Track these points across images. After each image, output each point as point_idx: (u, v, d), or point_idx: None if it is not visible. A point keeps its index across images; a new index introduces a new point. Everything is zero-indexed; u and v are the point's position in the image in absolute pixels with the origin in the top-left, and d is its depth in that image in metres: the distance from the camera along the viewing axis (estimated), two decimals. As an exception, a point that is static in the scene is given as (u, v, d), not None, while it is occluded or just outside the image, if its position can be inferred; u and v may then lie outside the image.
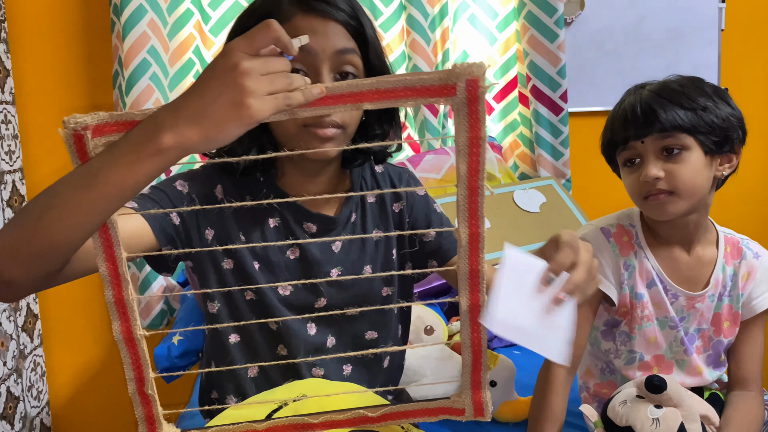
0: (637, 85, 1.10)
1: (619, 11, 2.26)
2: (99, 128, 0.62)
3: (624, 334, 1.14)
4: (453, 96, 0.61)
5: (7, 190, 1.89)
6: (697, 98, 1.03)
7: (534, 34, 2.14)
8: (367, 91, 0.62)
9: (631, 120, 1.05)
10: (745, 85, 2.33)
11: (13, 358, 1.87)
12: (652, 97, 1.04)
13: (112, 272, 0.67)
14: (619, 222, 1.14)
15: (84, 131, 0.61)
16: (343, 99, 0.64)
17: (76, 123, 0.61)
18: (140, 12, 1.86)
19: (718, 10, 2.29)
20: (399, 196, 1.09)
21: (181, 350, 1.56)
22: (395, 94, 0.62)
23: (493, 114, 2.29)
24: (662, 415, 0.97)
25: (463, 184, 0.66)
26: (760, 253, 1.15)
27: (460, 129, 0.64)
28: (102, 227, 0.65)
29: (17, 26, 1.98)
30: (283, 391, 0.89)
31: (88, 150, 0.62)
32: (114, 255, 0.67)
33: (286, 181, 1.03)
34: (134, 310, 0.68)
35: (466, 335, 0.73)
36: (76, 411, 2.14)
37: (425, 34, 2.11)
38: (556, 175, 2.20)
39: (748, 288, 1.13)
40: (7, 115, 1.93)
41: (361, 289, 1.04)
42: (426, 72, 0.62)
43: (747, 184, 2.30)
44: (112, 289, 0.68)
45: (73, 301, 2.09)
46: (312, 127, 0.91)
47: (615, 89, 1.11)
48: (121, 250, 0.67)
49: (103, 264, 0.67)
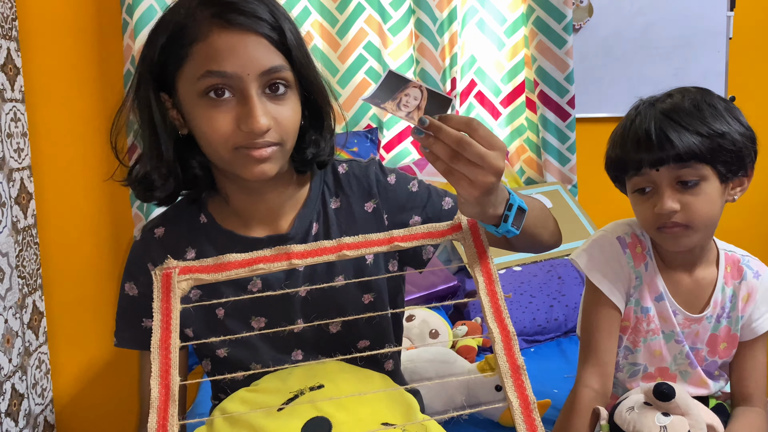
0: (646, 101, 1.05)
1: (627, 18, 2.26)
2: (186, 269, 0.79)
3: (626, 348, 1.12)
4: (459, 230, 0.82)
5: (16, 187, 1.90)
6: (714, 123, 0.98)
7: (542, 40, 2.14)
8: (399, 237, 0.82)
9: (645, 145, 0.99)
10: (752, 93, 2.33)
11: (19, 355, 1.88)
12: (667, 122, 0.99)
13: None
14: (633, 231, 1.12)
15: (173, 270, 0.79)
16: (380, 243, 0.81)
17: (168, 263, 0.80)
18: (151, 12, 1.88)
19: (726, 18, 2.29)
20: (371, 193, 1.01)
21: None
22: (418, 237, 0.82)
23: (500, 119, 2.29)
24: (670, 423, 0.97)
25: (483, 291, 0.78)
26: (761, 272, 1.11)
27: (470, 253, 0.81)
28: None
29: (28, 25, 1.99)
30: (300, 376, 0.86)
31: (173, 285, 0.78)
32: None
33: (228, 208, 0.98)
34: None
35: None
36: (80, 409, 2.15)
37: (433, 38, 2.12)
38: (562, 181, 2.20)
39: (749, 310, 1.10)
40: (17, 113, 1.94)
41: (335, 302, 0.97)
42: (438, 224, 0.84)
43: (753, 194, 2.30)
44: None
45: (79, 300, 2.10)
46: (245, 149, 0.85)
47: (622, 95, 1.09)
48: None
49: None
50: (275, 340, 0.97)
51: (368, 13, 2.11)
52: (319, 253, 0.80)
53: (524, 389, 0.72)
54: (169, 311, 0.77)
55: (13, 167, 1.90)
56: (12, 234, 1.86)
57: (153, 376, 0.73)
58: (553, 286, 1.84)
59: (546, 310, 1.78)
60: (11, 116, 1.90)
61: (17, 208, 1.91)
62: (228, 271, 0.79)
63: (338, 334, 0.99)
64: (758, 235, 2.38)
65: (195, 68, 0.85)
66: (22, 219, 1.93)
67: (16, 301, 1.87)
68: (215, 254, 0.94)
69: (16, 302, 1.88)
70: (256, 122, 0.83)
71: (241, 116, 0.84)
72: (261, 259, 0.79)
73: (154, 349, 0.74)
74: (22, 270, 1.92)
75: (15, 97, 1.93)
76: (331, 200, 1.01)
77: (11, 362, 1.83)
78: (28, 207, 1.98)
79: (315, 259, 0.79)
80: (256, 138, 0.85)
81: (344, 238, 0.76)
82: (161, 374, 0.73)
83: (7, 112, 1.87)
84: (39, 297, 2.04)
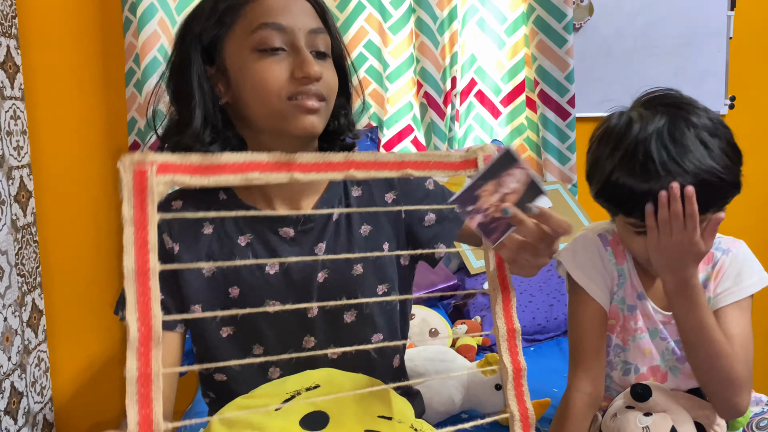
0: (642, 122, 0.97)
1: (627, 17, 2.26)
2: (165, 166, 0.58)
3: (618, 346, 1.11)
4: (474, 167, 0.73)
5: (15, 185, 1.90)
6: (736, 176, 0.95)
7: (543, 39, 2.14)
8: (411, 162, 0.72)
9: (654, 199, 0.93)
10: (752, 93, 2.32)
11: (18, 353, 1.88)
12: (693, 182, 0.91)
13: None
14: (614, 228, 1.10)
15: (149, 166, 0.58)
16: (391, 166, 0.71)
17: (140, 157, 0.57)
18: (152, 10, 1.88)
19: (727, 18, 2.29)
20: (392, 185, 1.03)
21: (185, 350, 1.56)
22: (429, 165, 0.72)
23: (500, 118, 2.29)
24: (652, 422, 0.97)
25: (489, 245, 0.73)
26: (732, 248, 1.08)
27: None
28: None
29: (28, 22, 1.99)
30: (295, 381, 0.87)
31: (150, 186, 0.58)
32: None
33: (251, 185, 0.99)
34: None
35: (515, 408, 0.70)
36: (79, 407, 2.15)
37: (434, 37, 2.12)
38: (562, 180, 2.20)
39: (716, 287, 1.06)
40: (17, 111, 1.93)
41: (353, 289, 0.97)
42: (452, 152, 0.73)
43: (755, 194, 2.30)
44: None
45: (78, 298, 2.10)
46: (298, 99, 0.89)
47: (623, 95, 1.08)
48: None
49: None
50: (287, 323, 0.96)
51: (368, 12, 2.11)
52: (325, 168, 0.67)
53: (516, 355, 0.72)
54: (145, 222, 0.57)
55: (13, 165, 1.90)
56: (11, 232, 1.86)
57: (129, 309, 0.55)
58: (553, 286, 1.84)
59: (546, 310, 1.78)
60: (11, 114, 1.90)
61: (17, 206, 1.91)
62: (216, 175, 0.61)
63: (353, 324, 0.98)
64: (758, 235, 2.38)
65: (248, 24, 0.90)
66: (21, 217, 1.93)
67: (16, 299, 1.87)
68: (235, 231, 0.96)
69: (16, 300, 1.88)
70: (311, 67, 0.88)
71: (294, 66, 0.89)
72: (258, 165, 0.64)
73: (129, 274, 0.56)
74: (21, 268, 1.91)
75: (14, 95, 1.93)
76: (353, 188, 1.02)
77: (10, 360, 1.83)
78: (28, 205, 1.98)
79: (319, 175, 0.67)
80: (310, 84, 0.89)
81: (354, 153, 0.68)
82: (139, 306, 0.55)
83: (7, 110, 1.87)
84: (38, 295, 2.04)
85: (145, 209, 0.57)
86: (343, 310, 0.95)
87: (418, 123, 2.22)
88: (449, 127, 2.17)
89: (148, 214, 0.57)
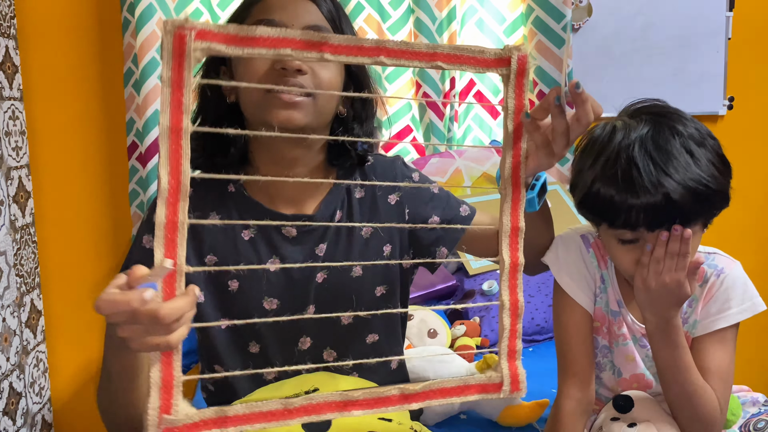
0: (625, 129, 0.95)
1: (626, 18, 2.26)
2: (203, 32, 0.62)
3: (605, 347, 1.10)
4: (507, 66, 0.71)
5: (14, 185, 1.90)
6: (724, 188, 0.92)
7: (541, 40, 2.14)
8: (443, 54, 0.70)
9: (652, 211, 0.89)
10: (751, 93, 2.33)
11: (16, 353, 1.88)
12: (679, 190, 0.87)
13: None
14: (598, 234, 1.06)
15: (189, 31, 0.61)
16: (423, 57, 0.70)
17: (181, 21, 0.61)
18: (151, 10, 1.87)
19: (726, 18, 2.29)
20: (395, 187, 1.03)
21: (185, 349, 1.56)
22: (461, 60, 0.70)
23: (499, 118, 2.29)
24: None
25: (509, 144, 0.76)
26: (726, 269, 1.02)
27: (509, 96, 0.74)
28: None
29: (26, 22, 1.99)
30: (293, 385, 0.88)
31: (188, 50, 0.61)
32: None
33: (258, 181, 0.98)
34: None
35: (506, 298, 0.72)
36: (78, 408, 2.15)
37: (433, 38, 2.12)
38: (560, 180, 2.19)
39: (703, 310, 1.03)
40: (15, 111, 1.93)
41: (350, 291, 0.98)
42: (486, 47, 0.72)
43: (754, 194, 2.30)
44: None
45: (77, 298, 2.10)
46: (275, 91, 0.88)
47: (622, 95, 1.08)
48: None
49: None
50: (284, 322, 0.95)
51: (367, 12, 2.11)
52: (355, 52, 0.67)
53: (517, 251, 0.75)
54: (181, 84, 0.61)
55: (11, 165, 1.89)
56: (10, 232, 1.86)
57: (161, 163, 0.60)
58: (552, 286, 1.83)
59: (544, 310, 1.78)
60: (9, 114, 1.89)
61: (15, 206, 1.90)
62: (251, 47, 0.64)
63: (350, 326, 0.99)
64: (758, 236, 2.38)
65: (250, 22, 0.93)
66: (20, 217, 1.93)
67: (14, 299, 1.87)
68: (240, 224, 0.97)
69: (14, 301, 1.87)
70: (290, 59, 0.89)
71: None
72: (291, 42, 0.65)
73: (164, 131, 0.61)
74: (20, 268, 1.91)
75: (13, 95, 1.93)
76: (356, 189, 1.03)
77: (9, 361, 1.83)
78: (26, 205, 1.98)
79: (348, 58, 0.67)
80: (287, 77, 0.88)
81: (386, 40, 0.67)
82: (171, 162, 0.61)
83: (5, 111, 1.87)
84: (37, 295, 2.03)
85: (182, 72, 0.61)
86: (339, 311, 0.96)
87: (417, 123, 2.22)
88: (448, 127, 2.17)
89: (185, 76, 0.61)
